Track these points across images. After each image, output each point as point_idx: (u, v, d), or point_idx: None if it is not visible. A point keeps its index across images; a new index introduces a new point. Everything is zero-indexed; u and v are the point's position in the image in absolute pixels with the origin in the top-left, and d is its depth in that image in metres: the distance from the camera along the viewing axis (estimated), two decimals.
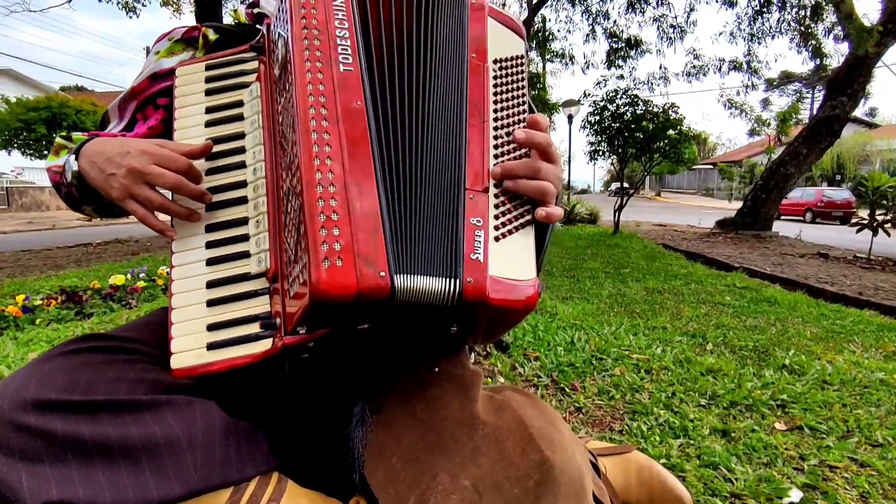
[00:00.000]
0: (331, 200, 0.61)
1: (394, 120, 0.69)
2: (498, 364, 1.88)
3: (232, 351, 0.70)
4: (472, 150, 0.70)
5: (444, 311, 0.65)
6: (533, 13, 7.72)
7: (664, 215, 15.84)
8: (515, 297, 0.64)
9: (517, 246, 0.69)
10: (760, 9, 9.03)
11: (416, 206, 0.66)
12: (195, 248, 0.79)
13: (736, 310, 3.49)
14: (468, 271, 0.63)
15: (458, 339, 0.86)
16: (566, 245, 7.36)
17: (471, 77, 0.74)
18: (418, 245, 0.65)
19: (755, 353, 2.45)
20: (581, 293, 4.03)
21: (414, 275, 0.62)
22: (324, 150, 0.63)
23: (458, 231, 0.66)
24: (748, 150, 28.39)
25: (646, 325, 2.99)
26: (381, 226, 0.62)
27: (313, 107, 0.65)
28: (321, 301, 0.58)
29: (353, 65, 0.68)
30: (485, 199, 0.68)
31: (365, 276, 0.58)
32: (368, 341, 0.77)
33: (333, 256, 0.58)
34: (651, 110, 8.26)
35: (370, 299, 0.59)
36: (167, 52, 0.97)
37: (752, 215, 9.48)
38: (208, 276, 0.76)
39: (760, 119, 18.93)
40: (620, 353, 2.28)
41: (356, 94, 0.67)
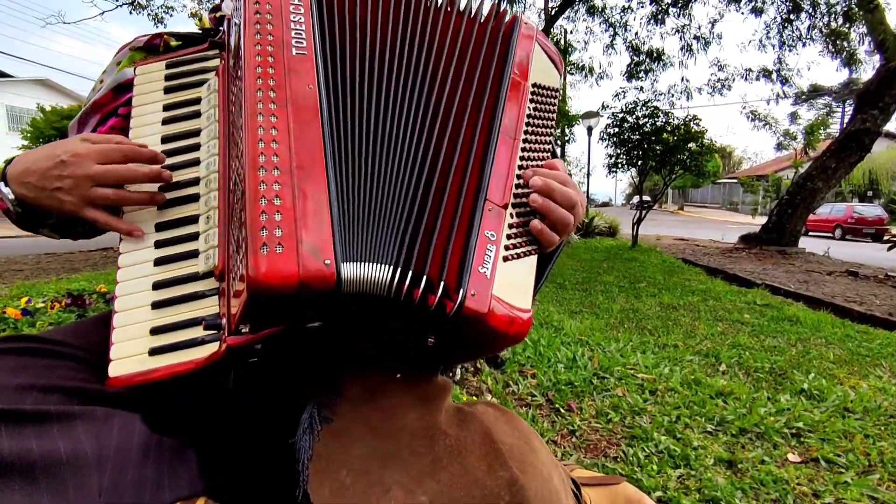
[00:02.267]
0: (274, 185, 0.57)
1: (356, 106, 0.66)
2: (488, 381, 1.78)
3: (175, 356, 0.65)
4: (499, 163, 0.67)
5: (428, 318, 0.60)
6: (550, 24, 7.66)
7: (686, 229, 15.48)
8: (511, 324, 0.60)
9: (523, 271, 0.65)
10: (789, 15, 8.78)
11: (381, 196, 0.63)
12: (143, 248, 0.75)
13: (754, 328, 3.32)
14: (473, 284, 0.58)
15: (432, 355, 0.79)
16: (582, 258, 7.21)
17: (510, 92, 0.71)
18: (373, 234, 0.60)
19: (771, 376, 2.30)
20: (591, 307, 3.90)
21: (362, 262, 0.58)
22: (269, 134, 0.60)
23: (469, 239, 0.61)
24: (775, 164, 27.69)
25: (656, 342, 2.85)
26: (327, 210, 0.58)
27: (261, 90, 0.62)
28: (260, 292, 0.53)
29: (307, 49, 0.66)
30: (502, 216, 0.64)
31: (309, 264, 0.54)
32: (325, 342, 0.71)
33: (273, 243, 0.54)
34: (671, 122, 8.09)
35: (315, 290, 0.54)
36: (129, 61, 0.94)
37: (777, 230, 9.17)
38: (155, 277, 0.72)
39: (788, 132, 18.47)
40: (625, 371, 2.16)
41: (308, 78, 0.64)
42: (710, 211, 31.50)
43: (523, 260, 0.65)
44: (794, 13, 8.73)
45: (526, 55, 0.75)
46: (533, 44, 0.77)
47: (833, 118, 20.23)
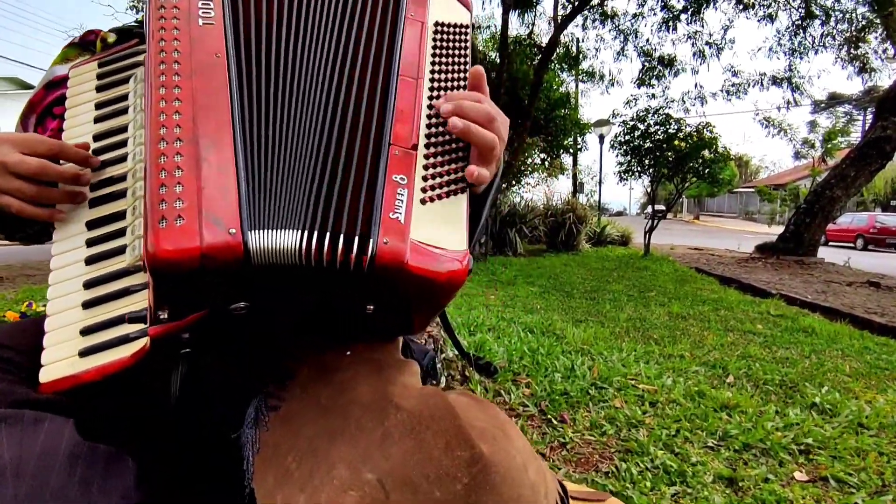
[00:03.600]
0: (175, 156, 0.55)
1: (266, 70, 0.64)
2: (477, 389, 1.71)
3: (105, 356, 0.62)
4: (402, 106, 0.64)
5: (353, 281, 0.56)
6: (559, 31, 7.61)
7: (701, 239, 15.21)
8: (439, 268, 0.55)
9: (447, 211, 0.60)
10: (802, 22, 8.62)
11: (285, 156, 0.59)
12: (75, 248, 0.72)
13: (766, 339, 3.19)
14: (385, 231, 0.54)
15: (378, 324, 0.74)
16: (592, 266, 7.09)
17: (407, 30, 0.69)
18: (285, 199, 0.57)
19: (781, 389, 2.19)
20: (597, 316, 3.80)
21: (274, 229, 0.54)
22: (172, 106, 0.58)
23: (376, 186, 0.58)
24: (793, 173, 27.16)
25: (661, 352, 2.75)
26: (234, 178, 0.55)
27: (164, 62, 0.61)
28: (160, 268, 0.50)
29: (216, 18, 0.65)
30: (412, 157, 0.61)
31: (210, 234, 0.51)
32: (259, 324, 0.67)
33: (173, 216, 0.51)
34: (683, 129, 7.96)
35: (221, 262, 0.51)
36: (61, 58, 0.93)
37: (794, 240, 8.94)
38: (86, 276, 0.69)
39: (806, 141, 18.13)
40: (625, 382, 2.07)
41: (215, 47, 0.63)
42: (727, 220, 30.97)
43: (448, 200, 0.61)
44: (806, 20, 8.57)
45: None
46: None
47: (854, 126, 19.82)
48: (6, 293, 4.36)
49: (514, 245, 8.51)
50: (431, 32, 0.71)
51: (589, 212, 10.22)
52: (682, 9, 8.79)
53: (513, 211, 9.07)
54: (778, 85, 9.49)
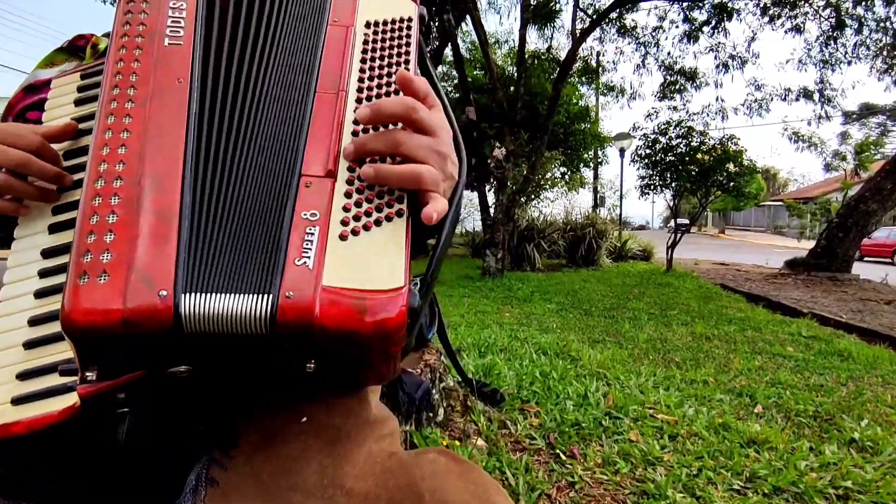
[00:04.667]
0: (111, 198, 0.48)
1: (224, 98, 0.57)
2: (480, 421, 1.60)
3: (37, 406, 0.55)
4: (318, 128, 0.56)
5: (266, 342, 0.47)
6: (577, 45, 7.53)
7: (727, 253, 14.76)
8: (362, 318, 0.46)
9: (376, 244, 0.51)
10: (832, 33, 8.36)
11: (233, 202, 0.52)
12: (28, 279, 0.65)
13: (798, 364, 2.99)
14: (288, 283, 0.46)
15: (328, 380, 0.65)
16: (612, 283, 6.90)
17: (329, 37, 0.62)
18: (228, 253, 0.49)
19: (816, 421, 2.01)
20: (616, 336, 3.64)
21: (213, 293, 0.46)
22: (118, 138, 0.52)
23: (280, 230, 0.49)
24: (823, 186, 26.26)
25: (683, 377, 2.59)
26: (175, 229, 0.48)
27: (118, 87, 0.55)
28: (75, 333, 0.44)
29: (185, 38, 0.59)
30: (327, 186, 0.52)
31: (136, 296, 0.44)
32: (208, 387, 0.60)
33: (97, 270, 0.45)
34: (707, 142, 7.76)
35: (148, 329, 0.44)
36: (46, 62, 0.89)
37: (826, 255, 8.59)
38: (33, 312, 0.62)
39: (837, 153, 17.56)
40: (642, 411, 1.93)
41: (180, 71, 0.56)
42: (754, 234, 30.10)
43: (379, 229, 0.52)
44: (837, 30, 8.31)
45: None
46: None
47: (889, 138, 19.16)
48: None
49: (532, 260, 8.37)
50: (361, 35, 0.63)
51: (610, 226, 10.02)
52: (704, 21, 8.63)
53: (531, 226, 8.94)
54: (808, 98, 9.18)
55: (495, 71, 8.04)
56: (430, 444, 1.28)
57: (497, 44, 12.13)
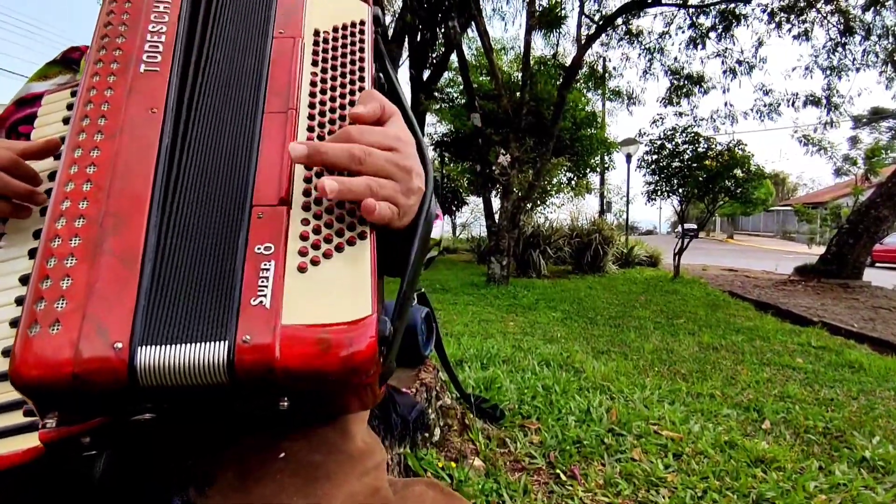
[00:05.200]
0: (72, 239, 0.45)
1: (192, 128, 0.54)
2: (478, 439, 1.56)
3: (1, 444, 0.52)
4: (268, 151, 0.52)
5: (227, 389, 0.44)
6: (582, 51, 7.50)
7: (735, 259, 14.61)
8: (327, 355, 0.42)
9: (339, 272, 0.47)
10: (840, 40, 8.28)
11: (191, 241, 0.49)
12: (4, 306, 0.63)
13: (808, 376, 2.93)
14: (245, 326, 0.43)
15: (302, 415, 0.62)
16: (618, 290, 6.83)
17: (274, 56, 0.57)
18: (184, 298, 0.46)
19: (825, 438, 1.96)
20: (621, 346, 3.59)
21: (168, 344, 0.43)
22: (84, 173, 0.49)
23: (233, 269, 0.46)
24: (833, 191, 25.96)
25: (689, 390, 2.54)
26: (137, 273, 0.45)
27: (88, 117, 0.52)
28: (23, 387, 0.41)
29: (162, 64, 0.56)
30: (281, 215, 0.49)
31: (89, 349, 0.41)
32: (176, 430, 0.58)
33: (49, 320, 0.42)
34: (714, 148, 7.69)
35: (100, 384, 0.41)
36: (39, 75, 0.88)
37: (837, 262, 8.46)
38: (7, 342, 0.59)
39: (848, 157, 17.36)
40: (646, 427, 1.88)
41: (154, 100, 0.54)
42: (763, 240, 29.80)
43: (342, 255, 0.48)
44: (845, 36, 8.22)
45: (294, 4, 0.62)
46: None
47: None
48: None
49: (537, 267, 8.32)
50: (311, 45, 0.60)
51: (616, 232, 9.94)
52: (710, 27, 8.58)
53: (536, 232, 8.89)
54: (815, 104, 9.09)
55: (500, 77, 8.03)
56: (426, 466, 1.25)
57: (503, 50, 12.13)
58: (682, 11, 8.63)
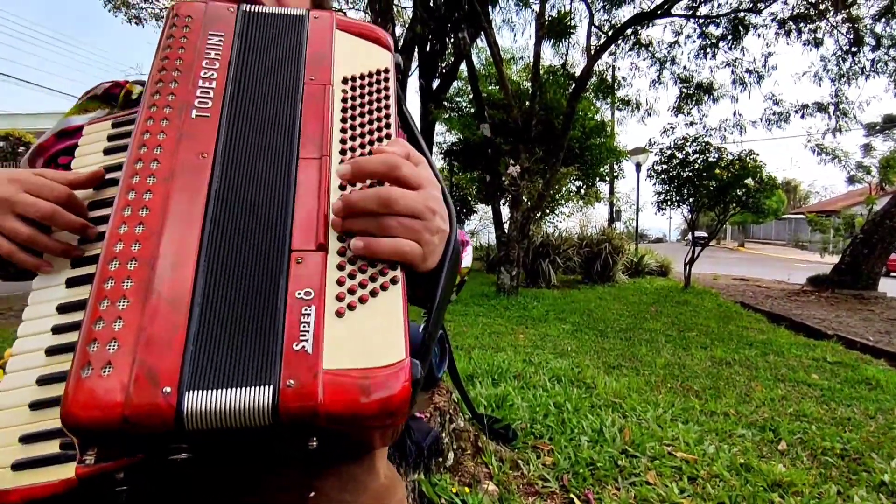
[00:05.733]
0: (124, 281, 0.47)
1: (237, 174, 0.55)
2: (492, 462, 1.56)
3: (36, 474, 0.53)
4: (304, 197, 0.53)
5: (268, 431, 0.45)
6: (592, 62, 7.52)
7: (747, 268, 14.47)
8: (365, 399, 0.44)
9: (374, 317, 0.49)
10: (850, 48, 8.23)
11: (235, 286, 0.50)
12: (40, 333, 0.64)
13: (824, 393, 2.89)
14: (289, 371, 0.44)
15: (331, 454, 0.63)
16: (628, 301, 6.79)
17: (306, 103, 0.59)
18: (230, 342, 0.47)
19: (843, 461, 1.93)
20: (632, 360, 3.56)
21: (215, 389, 0.44)
22: (137, 216, 0.51)
23: (275, 314, 0.47)
24: (846, 199, 25.63)
25: (703, 408, 2.51)
26: (185, 318, 0.46)
27: (141, 161, 0.54)
28: (74, 427, 0.42)
29: (212, 109, 0.57)
30: (320, 261, 0.50)
31: (139, 394, 0.42)
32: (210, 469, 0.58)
33: (101, 362, 0.43)
34: (725, 158, 7.65)
35: (148, 427, 0.42)
36: (78, 108, 0.90)
37: (851, 272, 8.37)
38: (42, 370, 0.61)
39: (861, 165, 17.18)
40: (660, 449, 1.87)
41: (204, 145, 0.55)
42: (774, 248, 29.45)
43: (375, 300, 0.49)
44: (855, 45, 8.17)
45: (323, 50, 0.64)
46: (332, 33, 0.65)
47: None
48: None
49: (547, 277, 8.30)
50: (340, 92, 0.61)
51: (626, 241, 9.90)
52: (720, 36, 8.56)
53: (546, 241, 8.88)
54: (823, 112, 9.03)
55: (510, 88, 8.06)
56: (440, 493, 1.25)
57: (512, 60, 12.18)
58: (692, 21, 8.63)
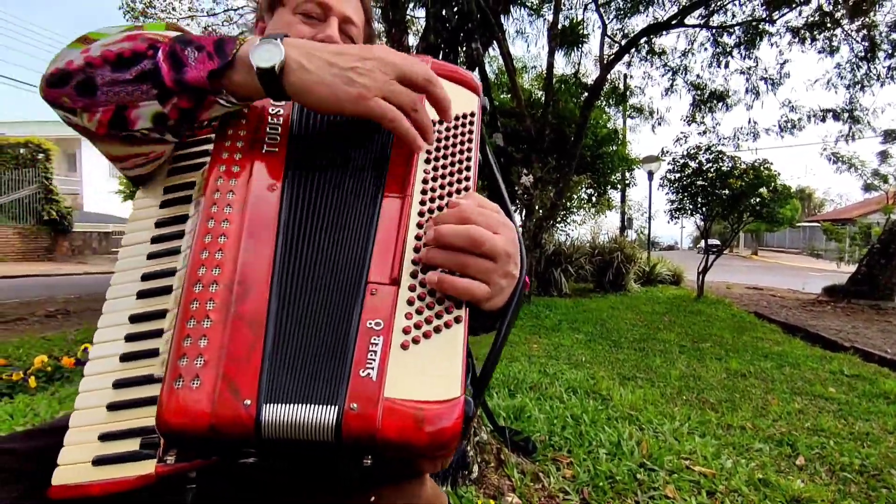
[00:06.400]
0: (207, 303, 0.52)
1: (307, 204, 0.59)
2: (513, 474, 1.59)
3: (114, 470, 0.59)
4: (384, 232, 0.57)
5: (329, 447, 0.50)
6: (605, 72, 7.56)
7: (760, 276, 14.33)
8: (419, 430, 0.48)
9: (435, 353, 0.52)
10: (866, 55, 8.18)
11: (307, 308, 0.54)
12: (114, 340, 0.70)
13: (841, 407, 2.88)
14: (353, 395, 0.48)
15: (384, 472, 0.68)
16: (641, 310, 6.78)
17: (395, 143, 0.63)
18: (303, 360, 0.51)
19: (862, 477, 1.93)
20: (647, 372, 3.57)
21: (289, 403, 0.49)
22: (217, 242, 0.55)
23: (347, 339, 0.51)
24: (862, 206, 25.28)
25: (719, 421, 2.52)
26: (262, 337, 0.51)
27: (219, 191, 0.58)
28: (167, 431, 0.48)
29: (279, 145, 0.62)
30: (392, 294, 0.54)
31: (224, 405, 0.47)
32: (273, 474, 0.64)
33: (191, 375, 0.49)
34: (739, 167, 7.62)
35: (230, 434, 0.48)
36: None
37: (867, 283, 8.26)
38: (118, 375, 0.67)
39: (877, 173, 16.97)
40: (678, 463, 1.89)
41: (273, 178, 0.60)
42: (789, 256, 29.11)
43: (439, 336, 0.53)
44: (870, 52, 8.12)
45: None
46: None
47: None
48: (69, 331, 4.60)
49: (559, 285, 8.30)
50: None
51: (638, 249, 9.87)
52: (734, 44, 8.55)
53: (558, 250, 8.88)
54: (837, 118, 8.97)
55: (522, 98, 8.11)
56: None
57: (524, 69, 12.24)
58: (705, 30, 8.64)
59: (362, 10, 0.94)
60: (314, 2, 0.87)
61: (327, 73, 0.55)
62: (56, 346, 3.85)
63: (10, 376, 2.64)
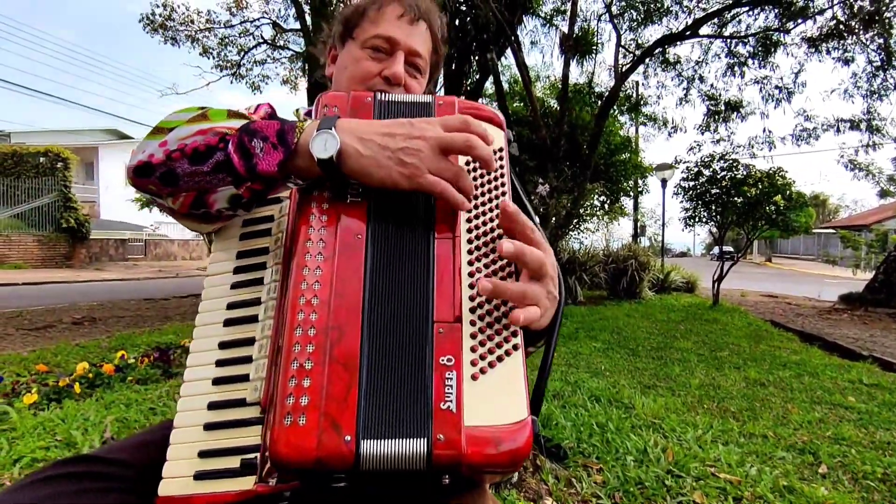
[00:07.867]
0: (307, 346, 0.56)
1: (384, 252, 0.64)
2: (549, 479, 1.67)
3: (215, 484, 0.66)
4: (442, 273, 0.62)
5: (418, 474, 0.56)
6: (620, 82, 7.64)
7: (775, 283, 14.25)
8: (499, 450, 0.54)
9: (501, 380, 0.58)
10: (882, 64, 8.19)
11: (390, 350, 0.59)
12: (205, 365, 0.77)
13: (861, 417, 2.92)
14: (438, 427, 0.54)
15: (455, 488, 0.75)
16: (657, 318, 6.81)
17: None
18: (391, 398, 0.57)
19: (885, 485, 1.99)
20: (667, 381, 3.63)
21: (383, 438, 0.54)
22: (312, 289, 0.59)
23: (425, 377, 0.57)
24: (878, 213, 24.99)
25: (741, 430, 2.58)
26: (356, 377, 0.56)
27: (310, 240, 0.62)
28: (277, 461, 0.53)
29: (363, 195, 0.66)
30: (457, 331, 0.59)
31: (327, 441, 0.52)
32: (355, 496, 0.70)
33: (297, 413, 0.53)
34: (753, 174, 7.64)
35: (333, 467, 0.53)
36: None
37: (885, 290, 8.21)
38: (211, 397, 0.74)
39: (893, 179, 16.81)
40: (703, 469, 1.96)
41: (358, 227, 0.64)
42: (803, 263, 28.81)
43: (501, 365, 0.58)
44: (886, 62, 8.12)
45: None
46: (455, 113, 0.72)
47: None
48: (101, 339, 4.74)
49: (574, 293, 8.34)
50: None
51: (651, 256, 9.89)
52: (749, 54, 8.59)
53: (572, 258, 8.93)
54: (854, 128, 8.96)
55: (537, 108, 8.21)
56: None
57: (537, 78, 12.34)
58: (720, 40, 8.68)
59: (430, 39, 0.96)
60: (382, 37, 0.90)
61: (382, 156, 0.61)
62: (91, 353, 4.00)
63: (58, 382, 2.76)
